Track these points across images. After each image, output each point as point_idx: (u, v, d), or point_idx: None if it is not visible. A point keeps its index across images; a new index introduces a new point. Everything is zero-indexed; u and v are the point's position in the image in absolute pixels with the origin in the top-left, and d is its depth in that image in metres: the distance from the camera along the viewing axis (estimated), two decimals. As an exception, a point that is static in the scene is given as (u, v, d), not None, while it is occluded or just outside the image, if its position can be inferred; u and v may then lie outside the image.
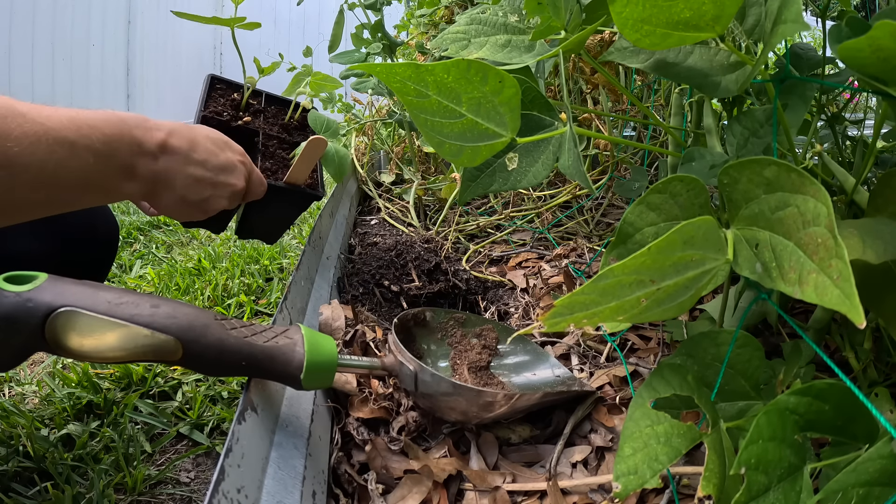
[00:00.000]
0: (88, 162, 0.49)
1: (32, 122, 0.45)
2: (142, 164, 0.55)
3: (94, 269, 0.78)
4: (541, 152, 0.59)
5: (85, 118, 0.49)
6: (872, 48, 0.36)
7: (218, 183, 0.61)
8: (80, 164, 0.48)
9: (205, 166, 0.60)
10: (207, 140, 0.61)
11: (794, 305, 0.81)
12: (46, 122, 0.46)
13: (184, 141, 0.58)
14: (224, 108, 0.85)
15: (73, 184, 0.49)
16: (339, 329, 0.84)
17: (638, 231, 0.50)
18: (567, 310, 0.37)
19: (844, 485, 0.33)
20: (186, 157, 0.58)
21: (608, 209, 1.43)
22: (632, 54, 0.61)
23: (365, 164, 1.85)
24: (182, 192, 0.59)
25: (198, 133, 0.60)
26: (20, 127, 0.44)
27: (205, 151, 0.59)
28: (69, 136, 0.47)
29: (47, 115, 0.46)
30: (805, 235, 0.36)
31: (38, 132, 0.45)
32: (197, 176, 0.59)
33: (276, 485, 0.51)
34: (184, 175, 0.58)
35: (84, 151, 0.48)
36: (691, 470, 0.58)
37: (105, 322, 0.48)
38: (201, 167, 0.59)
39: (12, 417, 0.84)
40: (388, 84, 0.48)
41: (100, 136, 0.50)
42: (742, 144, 0.56)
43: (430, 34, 1.82)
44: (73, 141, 0.47)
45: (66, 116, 0.48)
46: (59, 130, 0.46)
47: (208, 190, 0.61)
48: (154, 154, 0.56)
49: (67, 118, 0.48)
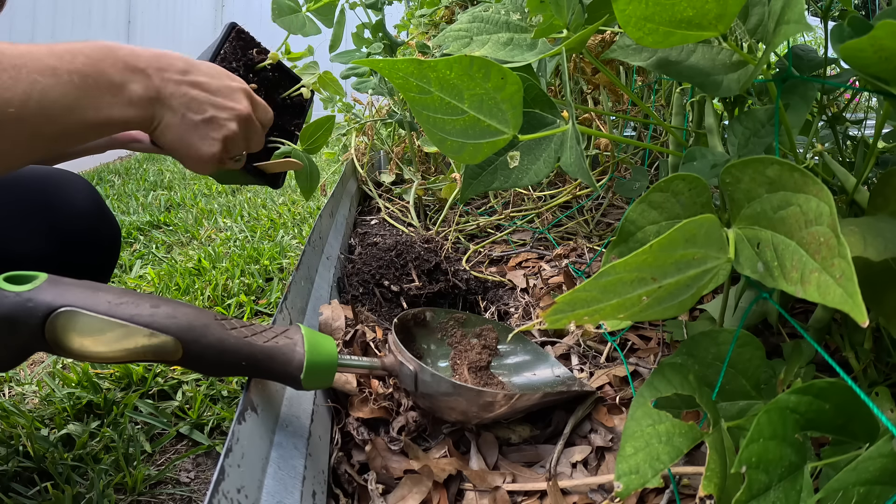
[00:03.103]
0: (74, 83, 0.47)
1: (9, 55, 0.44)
2: (134, 82, 0.52)
3: (96, 272, 0.77)
4: (542, 150, 0.59)
5: (65, 46, 0.47)
6: (874, 48, 0.36)
7: (219, 104, 0.58)
8: (66, 88, 0.46)
9: (203, 87, 0.57)
10: (204, 65, 0.58)
11: (794, 305, 0.81)
12: (25, 54, 0.44)
13: (178, 60, 0.55)
14: (237, 66, 0.77)
15: (62, 110, 0.46)
16: (339, 329, 0.84)
17: (640, 229, 0.50)
18: (568, 306, 0.37)
19: (845, 483, 0.33)
20: (182, 75, 0.55)
21: (608, 209, 1.43)
22: (634, 52, 0.61)
23: (365, 164, 1.85)
24: (182, 111, 0.56)
25: (193, 60, 0.58)
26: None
27: (202, 74, 0.57)
28: (50, 62, 0.45)
29: (24, 49, 0.45)
30: (807, 234, 0.36)
31: (16, 64, 0.43)
32: (194, 95, 0.56)
33: (276, 485, 0.51)
34: (181, 93, 0.55)
35: (67, 75, 0.46)
36: (692, 470, 0.58)
37: (105, 322, 0.48)
38: (199, 88, 0.57)
39: (12, 417, 0.84)
40: (390, 80, 0.48)
41: (83, 59, 0.48)
42: (743, 144, 0.56)
43: (430, 34, 1.82)
44: (55, 66, 0.46)
45: (45, 47, 0.46)
46: (39, 59, 0.45)
47: (210, 109, 0.57)
48: (145, 71, 0.53)
49: (46, 49, 0.46)
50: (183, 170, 3.13)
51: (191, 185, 2.72)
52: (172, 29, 5.09)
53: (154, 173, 3.02)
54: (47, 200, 0.72)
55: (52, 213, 0.71)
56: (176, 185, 2.73)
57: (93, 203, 0.76)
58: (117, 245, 0.80)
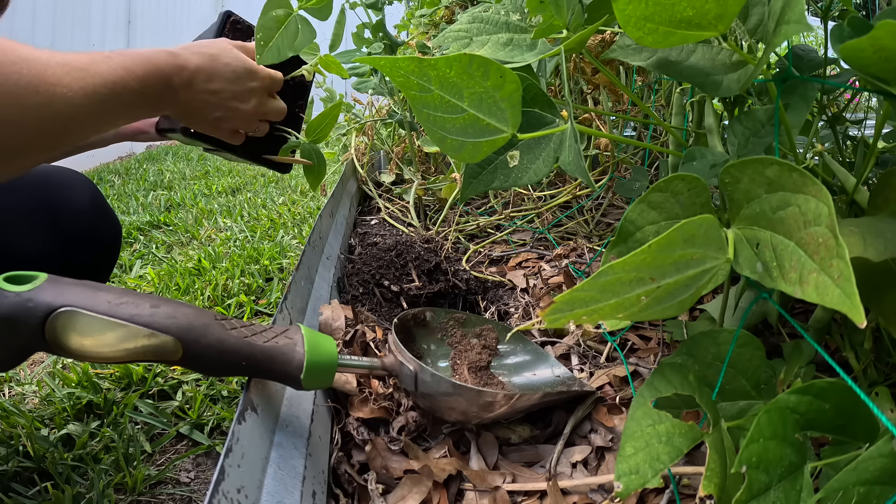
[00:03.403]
0: (125, 99, 0.56)
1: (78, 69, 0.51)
2: (167, 97, 0.62)
3: (96, 270, 0.78)
4: (542, 149, 0.59)
5: (120, 62, 0.55)
6: (874, 48, 0.36)
7: (228, 107, 0.68)
8: (119, 101, 0.55)
9: (218, 94, 0.66)
10: (227, 70, 0.66)
11: (794, 305, 0.81)
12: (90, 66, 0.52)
13: (204, 75, 0.65)
14: None
15: (110, 116, 0.56)
16: (339, 329, 0.84)
17: (639, 229, 0.50)
18: (567, 306, 0.37)
19: (845, 483, 0.33)
20: (205, 84, 0.65)
21: (608, 209, 1.43)
22: (634, 52, 0.61)
23: (365, 164, 1.85)
24: (195, 112, 0.67)
25: (218, 65, 0.66)
26: (69, 74, 0.50)
27: (221, 81, 0.66)
28: (110, 78, 0.54)
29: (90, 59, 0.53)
30: (806, 235, 0.36)
31: (84, 77, 0.51)
32: (209, 100, 0.66)
33: (276, 485, 0.51)
34: (198, 100, 0.66)
35: (122, 90, 0.55)
36: (691, 470, 0.58)
37: (105, 322, 0.48)
38: (215, 96, 0.66)
39: (12, 417, 0.84)
40: (391, 78, 0.48)
41: (135, 77, 0.56)
42: (743, 144, 0.56)
43: (430, 34, 1.82)
44: (114, 82, 0.54)
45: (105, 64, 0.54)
46: (102, 74, 0.53)
47: (219, 111, 0.68)
48: (178, 89, 0.62)
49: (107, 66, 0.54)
50: (183, 169, 3.14)
51: (191, 185, 2.72)
52: (172, 29, 5.09)
53: (154, 173, 3.02)
54: (49, 198, 0.72)
55: (54, 210, 0.72)
56: (176, 185, 2.73)
57: (94, 201, 0.76)
58: (118, 243, 0.81)
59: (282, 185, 2.73)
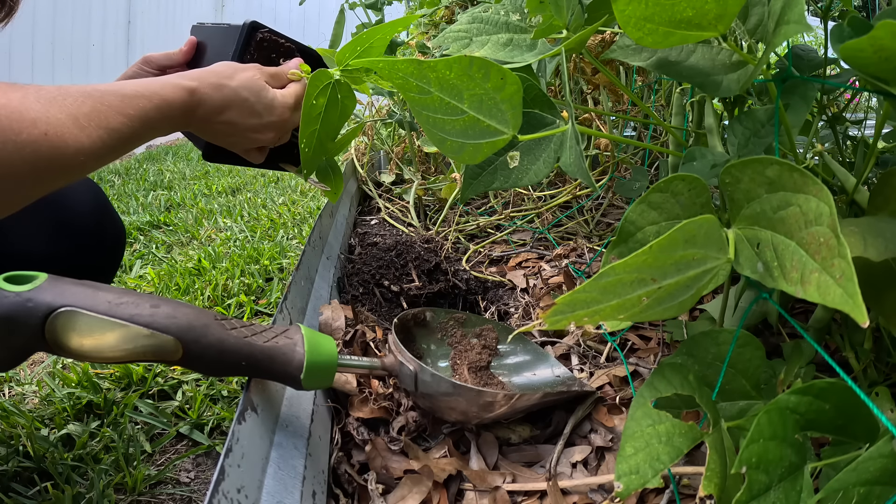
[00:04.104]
0: (141, 131, 0.55)
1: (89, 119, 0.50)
2: (183, 122, 0.62)
3: (100, 272, 0.78)
4: (542, 150, 0.59)
5: (136, 111, 0.55)
6: (874, 48, 0.36)
7: (243, 136, 0.68)
8: (136, 133, 0.55)
9: (233, 125, 0.66)
10: (244, 105, 0.65)
11: (794, 305, 0.81)
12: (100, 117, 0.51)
13: (222, 112, 0.64)
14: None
15: (128, 143, 0.55)
16: (339, 329, 0.84)
17: (639, 230, 0.50)
18: (568, 307, 0.37)
19: (845, 484, 0.33)
20: (221, 121, 0.65)
21: (608, 209, 1.43)
22: (634, 52, 0.61)
23: (365, 164, 1.85)
24: (215, 138, 0.68)
25: (237, 100, 0.64)
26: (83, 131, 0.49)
27: (241, 116, 0.65)
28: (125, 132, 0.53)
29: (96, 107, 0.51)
30: (807, 235, 0.36)
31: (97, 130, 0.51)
32: (222, 130, 0.66)
33: (276, 485, 0.51)
34: (211, 129, 0.66)
35: (135, 139, 0.55)
36: (691, 470, 0.58)
37: (105, 322, 0.48)
38: (229, 126, 0.66)
39: (12, 417, 0.84)
40: (390, 80, 0.48)
41: (147, 123, 0.56)
42: (743, 144, 0.56)
43: (430, 34, 1.81)
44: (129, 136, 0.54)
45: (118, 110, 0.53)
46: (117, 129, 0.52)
47: (233, 138, 0.68)
48: (192, 123, 0.63)
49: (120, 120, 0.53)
50: (183, 169, 3.13)
51: (191, 185, 2.72)
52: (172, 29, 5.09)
53: (154, 173, 3.02)
54: (53, 198, 0.72)
55: (58, 211, 0.72)
56: (176, 185, 2.73)
57: (97, 202, 0.76)
58: (122, 244, 0.81)
59: (282, 185, 2.73)
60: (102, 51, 4.47)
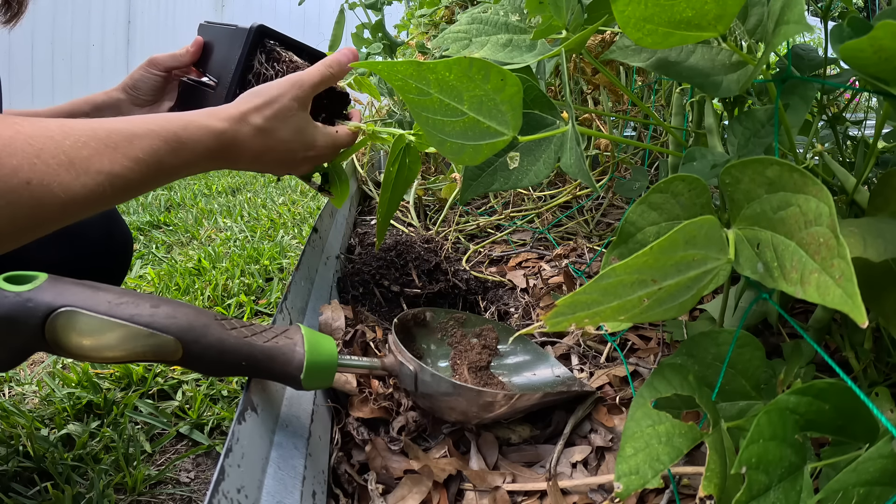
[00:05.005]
0: (150, 177, 0.52)
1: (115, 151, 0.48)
2: (205, 169, 0.59)
3: (109, 279, 0.78)
4: (542, 151, 0.59)
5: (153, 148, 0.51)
6: (874, 48, 0.36)
7: (276, 169, 0.66)
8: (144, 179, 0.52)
9: (264, 164, 0.64)
10: (284, 147, 0.62)
11: (794, 305, 0.81)
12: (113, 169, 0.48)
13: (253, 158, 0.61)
14: (274, 73, 0.69)
15: (135, 189, 0.52)
16: (339, 329, 0.84)
17: (639, 230, 0.50)
18: (569, 309, 0.37)
19: (845, 484, 0.33)
20: (251, 163, 0.62)
21: (608, 209, 1.43)
22: (633, 53, 0.61)
23: (365, 164, 1.85)
24: (245, 168, 0.64)
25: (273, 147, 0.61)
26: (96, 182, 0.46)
27: (273, 157, 0.62)
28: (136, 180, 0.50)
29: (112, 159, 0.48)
30: (807, 235, 0.36)
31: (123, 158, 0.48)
32: (253, 167, 0.64)
33: (276, 485, 0.51)
34: (243, 168, 0.63)
35: (148, 169, 0.51)
36: (691, 470, 0.58)
37: (105, 322, 0.48)
38: (260, 164, 0.63)
39: (12, 417, 0.84)
40: (389, 82, 0.48)
41: (164, 171, 0.52)
42: (743, 144, 0.56)
43: (430, 34, 1.82)
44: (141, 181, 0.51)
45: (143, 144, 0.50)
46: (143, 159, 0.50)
47: (264, 170, 0.65)
48: (223, 162, 0.59)
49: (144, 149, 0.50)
50: (183, 170, 3.13)
51: (191, 185, 2.72)
52: (172, 29, 5.09)
53: (154, 173, 3.02)
54: None
55: None
56: (176, 184, 2.73)
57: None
58: (129, 251, 0.81)
59: (282, 185, 2.73)
60: (102, 51, 4.47)
